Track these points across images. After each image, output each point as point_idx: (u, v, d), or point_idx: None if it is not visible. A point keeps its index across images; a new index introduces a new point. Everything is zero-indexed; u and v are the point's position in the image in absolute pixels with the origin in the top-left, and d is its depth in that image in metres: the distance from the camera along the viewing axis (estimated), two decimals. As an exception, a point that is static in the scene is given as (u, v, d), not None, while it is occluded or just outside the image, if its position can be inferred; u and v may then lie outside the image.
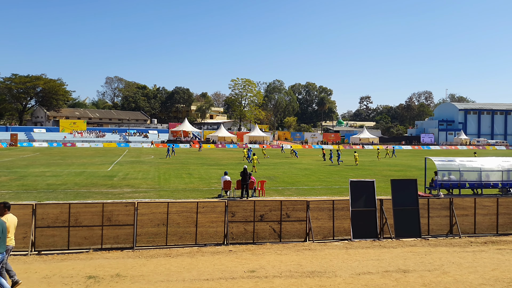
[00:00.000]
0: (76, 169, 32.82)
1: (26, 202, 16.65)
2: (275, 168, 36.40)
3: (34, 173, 29.72)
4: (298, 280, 9.20)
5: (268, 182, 25.49)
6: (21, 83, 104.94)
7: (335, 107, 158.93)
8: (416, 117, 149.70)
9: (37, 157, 47.57)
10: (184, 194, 20.98)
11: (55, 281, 8.91)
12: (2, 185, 23.14)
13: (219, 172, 31.04)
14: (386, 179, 27.73)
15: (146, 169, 34.15)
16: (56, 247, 11.45)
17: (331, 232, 13.28)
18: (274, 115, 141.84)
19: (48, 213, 11.60)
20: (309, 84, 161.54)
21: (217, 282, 8.98)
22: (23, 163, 37.99)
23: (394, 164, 44.29)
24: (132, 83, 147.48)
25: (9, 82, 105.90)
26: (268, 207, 13.12)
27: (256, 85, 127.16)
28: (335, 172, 33.47)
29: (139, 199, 18.74)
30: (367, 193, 13.79)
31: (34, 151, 59.74)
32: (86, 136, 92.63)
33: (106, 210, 11.97)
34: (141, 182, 25.22)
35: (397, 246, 12.48)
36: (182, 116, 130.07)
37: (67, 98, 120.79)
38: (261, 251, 11.71)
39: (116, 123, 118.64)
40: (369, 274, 9.71)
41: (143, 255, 11.18)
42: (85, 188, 22.32)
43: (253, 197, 20.03)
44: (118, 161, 42.55)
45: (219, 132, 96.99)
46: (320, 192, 22.25)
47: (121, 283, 8.82)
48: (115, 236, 11.85)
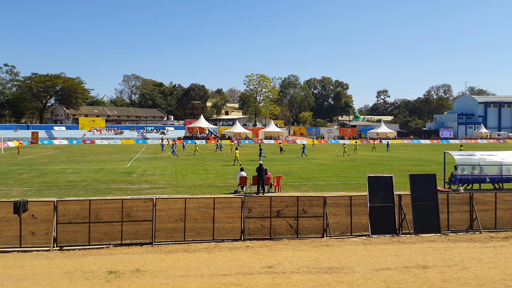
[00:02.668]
0: (95, 166, 33.37)
1: (47, 199, 17.00)
2: (291, 164, 36.33)
3: (55, 170, 30.33)
4: (316, 276, 9.20)
5: (284, 177, 25.46)
6: (41, 82, 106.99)
7: (351, 102, 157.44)
8: (434, 111, 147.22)
9: (57, 154, 48.51)
10: (201, 190, 21.14)
11: (77, 276, 9.10)
12: (24, 182, 23.69)
13: (235, 168, 31.15)
14: (404, 174, 27.40)
15: (163, 165, 34.49)
16: (77, 242, 11.69)
17: (348, 228, 13.22)
18: (290, 110, 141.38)
19: (69, 209, 11.85)
20: (324, 79, 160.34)
21: (235, 278, 9.05)
22: (44, 161, 38.79)
23: (413, 158, 43.70)
24: (149, 81, 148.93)
25: (29, 81, 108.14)
26: (284, 203, 13.14)
27: (271, 81, 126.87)
28: (352, 168, 33.23)
29: (157, 195, 18.97)
30: (385, 189, 13.67)
31: (55, 149, 60.93)
32: (105, 134, 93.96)
33: (126, 206, 12.16)
34: (159, 178, 25.50)
35: (416, 242, 12.36)
36: (198, 113, 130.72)
37: (86, 96, 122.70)
38: (278, 247, 11.74)
39: (134, 120, 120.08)
40: (388, 270, 9.64)
41: (162, 250, 11.33)
42: (105, 185, 22.69)
43: (269, 193, 20.06)
44: (136, 157, 43.08)
45: (235, 128, 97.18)
46: (337, 187, 22.14)
47: (141, 278, 8.97)
48: (134, 232, 12.04)
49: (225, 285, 8.59)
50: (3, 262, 10.11)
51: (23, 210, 11.46)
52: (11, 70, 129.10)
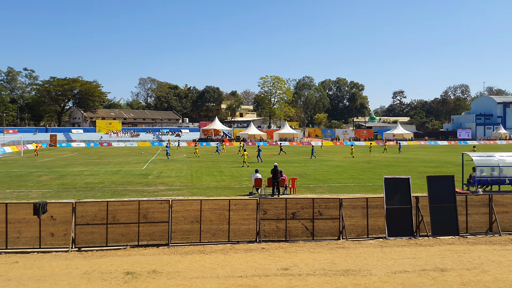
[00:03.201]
0: (112, 168, 33.80)
1: (66, 201, 17.28)
2: (306, 166, 36.20)
3: (73, 172, 30.82)
4: (332, 278, 9.14)
5: (299, 179, 25.39)
6: (59, 85, 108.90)
7: (367, 103, 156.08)
8: (452, 112, 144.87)
9: (75, 157, 49.29)
10: (216, 191, 21.21)
11: (95, 277, 9.22)
12: (43, 184, 24.13)
13: (250, 170, 31.19)
14: (421, 176, 27.04)
15: (179, 167, 34.73)
16: (95, 243, 11.85)
17: (365, 230, 13.10)
18: (304, 112, 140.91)
19: (87, 211, 12.02)
20: (339, 80, 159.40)
21: (250, 279, 9.05)
22: (62, 163, 39.46)
23: (430, 160, 43.11)
24: (164, 84, 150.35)
25: (48, 85, 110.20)
26: (300, 205, 13.09)
27: (285, 82, 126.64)
28: (368, 169, 32.94)
29: (173, 197, 19.10)
30: (402, 190, 13.51)
31: (73, 151, 61.93)
32: (121, 136, 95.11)
33: (142, 208, 12.28)
34: (174, 180, 25.69)
35: (434, 244, 12.18)
36: (213, 115, 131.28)
37: (103, 99, 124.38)
38: (294, 249, 11.70)
39: (150, 123, 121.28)
40: (405, 272, 9.52)
41: (178, 251, 11.40)
42: (122, 186, 22.96)
43: (284, 194, 20.02)
44: (152, 159, 43.49)
45: (249, 130, 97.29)
46: (353, 189, 21.97)
47: (158, 279, 9.04)
48: (150, 233, 12.15)
49: (241, 287, 8.60)
50: (23, 262, 10.31)
51: (42, 211, 11.67)
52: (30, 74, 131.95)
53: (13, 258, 10.65)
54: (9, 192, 21.11)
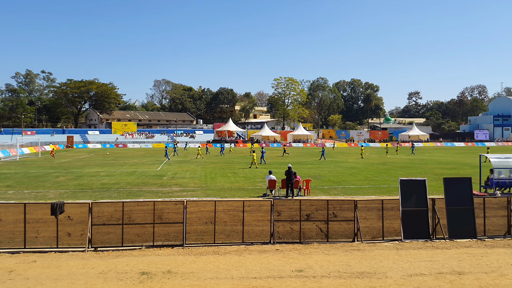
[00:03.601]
0: (128, 169, 34.16)
1: (83, 201, 17.52)
2: (320, 167, 36.03)
3: (89, 173, 31.24)
4: (347, 280, 9.07)
5: (314, 181, 25.28)
6: (76, 88, 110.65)
7: (382, 104, 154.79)
8: (469, 113, 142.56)
9: (91, 158, 49.97)
10: (230, 193, 21.26)
11: (111, 276, 9.33)
12: (60, 184, 24.51)
13: (263, 171, 31.18)
14: (438, 178, 26.68)
15: (193, 168, 34.93)
16: (111, 244, 11.98)
17: (380, 232, 12.98)
18: (318, 113, 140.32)
19: (103, 211, 12.16)
20: (354, 81, 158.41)
21: (265, 281, 9.04)
22: (79, 164, 40.05)
23: (446, 162, 42.50)
24: (178, 85, 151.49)
25: (65, 87, 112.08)
26: (314, 207, 13.03)
27: (299, 84, 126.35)
28: (383, 171, 32.64)
29: (188, 198, 19.21)
30: (418, 192, 13.35)
31: (89, 152, 62.80)
32: (136, 137, 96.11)
33: (157, 208, 12.37)
34: (189, 181, 25.83)
35: (451, 247, 12.00)
36: (227, 116, 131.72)
37: (119, 101, 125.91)
38: (308, 250, 11.65)
39: (164, 124, 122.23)
40: (422, 275, 9.40)
41: (193, 252, 11.46)
42: (137, 187, 23.18)
43: (298, 196, 19.95)
44: (167, 161, 43.81)
45: (263, 132, 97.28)
46: (368, 191, 21.79)
47: (173, 280, 9.10)
48: (165, 234, 12.23)
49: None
50: (41, 262, 10.49)
51: (59, 211, 11.85)
52: (48, 77, 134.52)
53: (31, 258, 10.84)
54: (27, 192, 21.51)
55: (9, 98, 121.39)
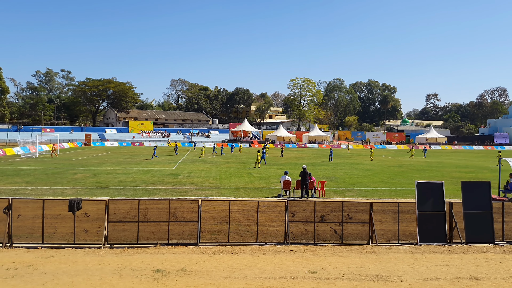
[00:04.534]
0: (144, 168, 34.51)
1: (99, 198, 17.77)
2: (335, 169, 35.81)
3: (106, 171, 31.67)
4: (361, 283, 9.00)
5: (328, 182, 25.15)
6: (94, 86, 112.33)
7: (399, 106, 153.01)
8: (488, 116, 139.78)
9: (108, 156, 50.63)
10: (245, 193, 21.29)
11: (126, 273, 9.44)
12: (78, 181, 24.91)
13: (278, 172, 31.14)
14: (455, 181, 26.26)
15: (208, 168, 35.09)
16: (127, 241, 12.12)
17: (396, 236, 12.83)
18: (334, 114, 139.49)
19: (119, 208, 12.31)
20: (371, 82, 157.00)
21: (278, 281, 9.03)
22: (96, 162, 40.63)
23: (464, 165, 41.78)
24: (195, 85, 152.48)
25: (84, 85, 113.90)
26: (328, 208, 12.96)
27: (315, 84, 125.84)
28: (399, 173, 32.26)
29: (202, 197, 19.31)
30: (435, 196, 13.16)
31: (106, 150, 63.65)
32: (153, 136, 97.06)
33: (172, 207, 12.47)
34: (203, 181, 25.96)
35: (468, 252, 11.79)
36: (242, 116, 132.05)
37: (136, 100, 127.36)
38: (322, 252, 11.59)
39: (180, 124, 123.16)
40: (437, 280, 9.26)
41: (207, 251, 11.51)
42: (153, 186, 23.40)
43: (313, 197, 19.87)
44: (182, 160, 44.12)
45: (278, 132, 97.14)
46: (383, 194, 21.56)
47: (187, 278, 9.16)
48: (180, 232, 12.32)
49: (269, 288, 8.60)
50: (58, 257, 10.67)
51: (77, 208, 12.04)
52: (67, 75, 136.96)
53: (49, 253, 11.05)
54: (46, 188, 21.91)
55: (30, 96, 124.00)
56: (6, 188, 21.66)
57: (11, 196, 18.44)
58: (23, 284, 8.64)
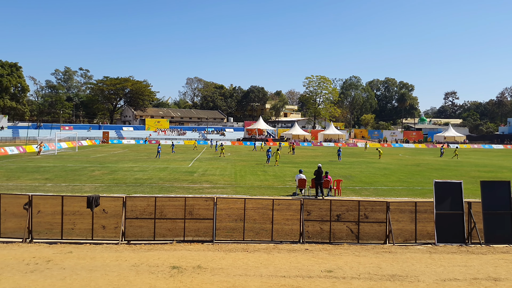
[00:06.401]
0: (160, 165, 34.83)
1: (117, 195, 18.00)
2: (351, 167, 35.54)
3: (124, 168, 32.06)
4: (377, 283, 8.92)
5: (344, 181, 24.97)
6: (111, 85, 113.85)
7: (416, 104, 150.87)
8: (508, 114, 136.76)
9: (125, 153, 51.25)
10: (260, 191, 21.30)
11: (143, 269, 9.55)
12: (96, 178, 25.28)
13: (293, 170, 31.06)
14: (474, 181, 25.81)
15: (223, 166, 35.21)
16: (143, 237, 12.26)
17: (413, 235, 12.68)
18: (351, 112, 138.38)
19: (136, 205, 12.45)
20: (388, 80, 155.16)
21: (294, 280, 9.02)
22: (113, 159, 41.17)
23: (483, 164, 41.00)
24: (210, 83, 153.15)
25: (101, 84, 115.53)
26: (345, 207, 12.87)
27: (331, 82, 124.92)
28: (417, 173, 31.85)
29: (218, 195, 19.39)
30: (454, 195, 12.95)
31: (123, 148, 64.42)
32: (168, 134, 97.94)
33: (188, 204, 12.55)
34: (219, 178, 26.06)
35: (487, 253, 11.58)
36: (257, 115, 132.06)
37: (152, 99, 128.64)
38: (338, 251, 11.53)
39: (196, 122, 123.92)
40: (456, 280, 9.12)
41: (222, 248, 11.57)
42: (169, 183, 23.60)
43: (328, 196, 19.76)
44: (197, 158, 44.38)
45: (293, 130, 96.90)
46: (400, 193, 21.31)
47: (202, 275, 9.22)
48: (196, 229, 12.40)
49: (284, 287, 8.59)
50: (77, 252, 10.85)
51: (95, 204, 12.23)
52: (85, 74, 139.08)
53: (68, 248, 11.24)
54: (65, 185, 22.30)
55: (49, 94, 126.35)
56: (26, 185, 22.12)
57: (31, 192, 18.84)
58: (43, 279, 8.82)
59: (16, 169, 30.16)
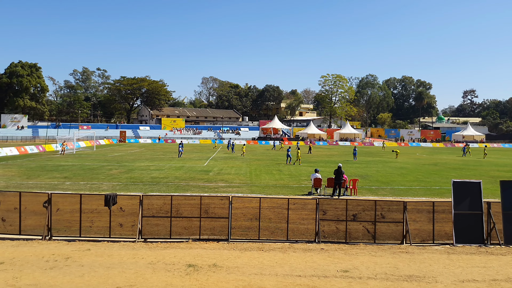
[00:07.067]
0: (176, 164, 35.11)
1: (134, 193, 18.18)
2: (367, 167, 35.23)
3: (140, 167, 32.42)
4: (394, 283, 8.82)
5: (361, 180, 24.77)
6: (128, 84, 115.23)
7: (434, 102, 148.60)
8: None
9: (142, 152, 51.81)
10: (275, 190, 21.28)
11: (159, 267, 9.64)
12: (113, 177, 25.62)
13: (309, 170, 30.94)
14: (493, 180, 25.31)
15: (238, 165, 35.29)
16: (160, 235, 12.38)
17: (430, 236, 12.51)
18: (367, 111, 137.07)
19: (153, 204, 12.58)
20: (405, 78, 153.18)
21: (309, 279, 8.98)
22: (130, 158, 41.66)
23: (503, 164, 40.16)
24: (225, 83, 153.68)
25: (118, 84, 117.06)
26: (361, 207, 12.77)
27: (347, 81, 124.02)
28: (434, 172, 31.39)
29: (233, 194, 19.44)
30: (472, 195, 12.72)
31: (140, 147, 65.14)
32: (184, 133, 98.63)
33: (203, 203, 12.62)
34: (234, 177, 26.14)
35: (507, 254, 11.34)
36: (272, 114, 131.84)
37: (168, 98, 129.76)
38: (354, 251, 11.44)
39: (211, 121, 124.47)
40: (474, 282, 8.96)
41: (237, 247, 11.60)
42: (184, 182, 23.77)
43: (344, 195, 19.63)
44: (213, 157, 44.58)
45: (309, 129, 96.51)
46: (418, 193, 21.04)
47: (218, 273, 9.26)
48: (211, 228, 12.46)
49: (300, 286, 8.57)
50: (94, 250, 11.02)
51: (112, 203, 12.40)
52: (103, 74, 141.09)
53: (86, 246, 11.43)
54: (83, 184, 22.66)
55: (67, 94, 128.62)
56: (46, 183, 22.55)
57: (50, 190, 19.20)
58: (62, 275, 8.98)
59: (36, 167, 30.78)
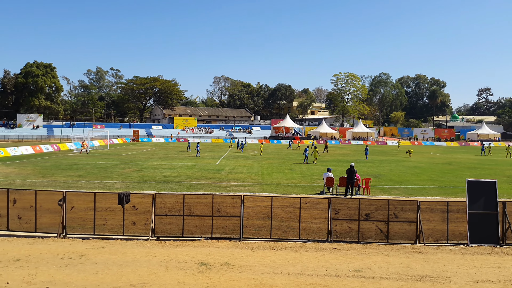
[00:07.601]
0: (188, 163, 35.29)
1: (147, 192, 18.35)
2: (380, 166, 34.95)
3: (153, 165, 32.67)
4: (407, 283, 8.75)
5: (374, 180, 24.58)
6: (141, 84, 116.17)
7: (448, 101, 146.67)
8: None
9: (155, 151, 52.19)
10: (287, 189, 21.26)
11: (172, 265, 9.72)
12: (127, 176, 25.87)
13: (321, 169, 30.82)
14: (509, 180, 24.93)
15: (250, 164, 35.32)
16: (172, 234, 12.47)
17: (444, 235, 12.37)
18: (380, 110, 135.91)
19: (165, 202, 12.67)
20: (419, 76, 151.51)
21: (321, 279, 8.96)
22: (143, 157, 42.01)
23: (520, 163, 39.47)
24: (237, 82, 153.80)
25: (132, 83, 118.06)
26: (374, 206, 12.68)
27: (360, 79, 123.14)
28: (448, 171, 31.01)
29: (245, 193, 19.46)
30: (487, 195, 12.54)
31: (153, 146, 65.62)
32: (196, 132, 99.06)
33: (216, 202, 12.68)
34: (246, 176, 26.17)
35: (523, 255, 11.15)
36: (284, 113, 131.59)
37: (180, 97, 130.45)
38: (367, 250, 11.38)
39: (223, 120, 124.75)
40: (489, 282, 8.85)
41: (249, 246, 11.62)
42: (196, 181, 23.89)
43: (357, 195, 19.51)
44: (225, 156, 44.70)
45: (321, 128, 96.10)
46: (431, 192, 20.81)
47: (230, 272, 9.30)
48: (223, 227, 12.51)
49: (312, 286, 8.56)
50: (108, 248, 11.16)
51: (126, 201, 12.52)
52: (116, 74, 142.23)
53: (100, 244, 11.57)
54: (97, 182, 22.93)
55: (81, 94, 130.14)
56: (60, 182, 22.88)
57: (65, 189, 19.47)
58: (76, 273, 9.11)
59: (50, 166, 31.24)
